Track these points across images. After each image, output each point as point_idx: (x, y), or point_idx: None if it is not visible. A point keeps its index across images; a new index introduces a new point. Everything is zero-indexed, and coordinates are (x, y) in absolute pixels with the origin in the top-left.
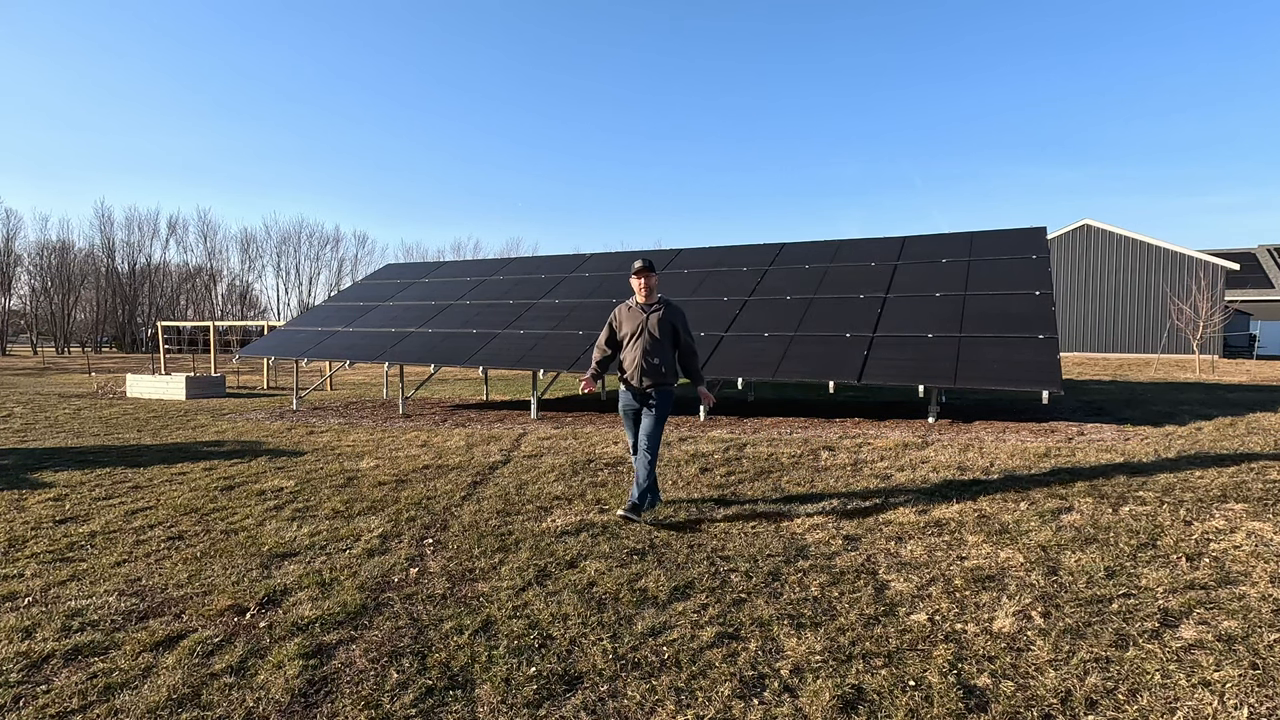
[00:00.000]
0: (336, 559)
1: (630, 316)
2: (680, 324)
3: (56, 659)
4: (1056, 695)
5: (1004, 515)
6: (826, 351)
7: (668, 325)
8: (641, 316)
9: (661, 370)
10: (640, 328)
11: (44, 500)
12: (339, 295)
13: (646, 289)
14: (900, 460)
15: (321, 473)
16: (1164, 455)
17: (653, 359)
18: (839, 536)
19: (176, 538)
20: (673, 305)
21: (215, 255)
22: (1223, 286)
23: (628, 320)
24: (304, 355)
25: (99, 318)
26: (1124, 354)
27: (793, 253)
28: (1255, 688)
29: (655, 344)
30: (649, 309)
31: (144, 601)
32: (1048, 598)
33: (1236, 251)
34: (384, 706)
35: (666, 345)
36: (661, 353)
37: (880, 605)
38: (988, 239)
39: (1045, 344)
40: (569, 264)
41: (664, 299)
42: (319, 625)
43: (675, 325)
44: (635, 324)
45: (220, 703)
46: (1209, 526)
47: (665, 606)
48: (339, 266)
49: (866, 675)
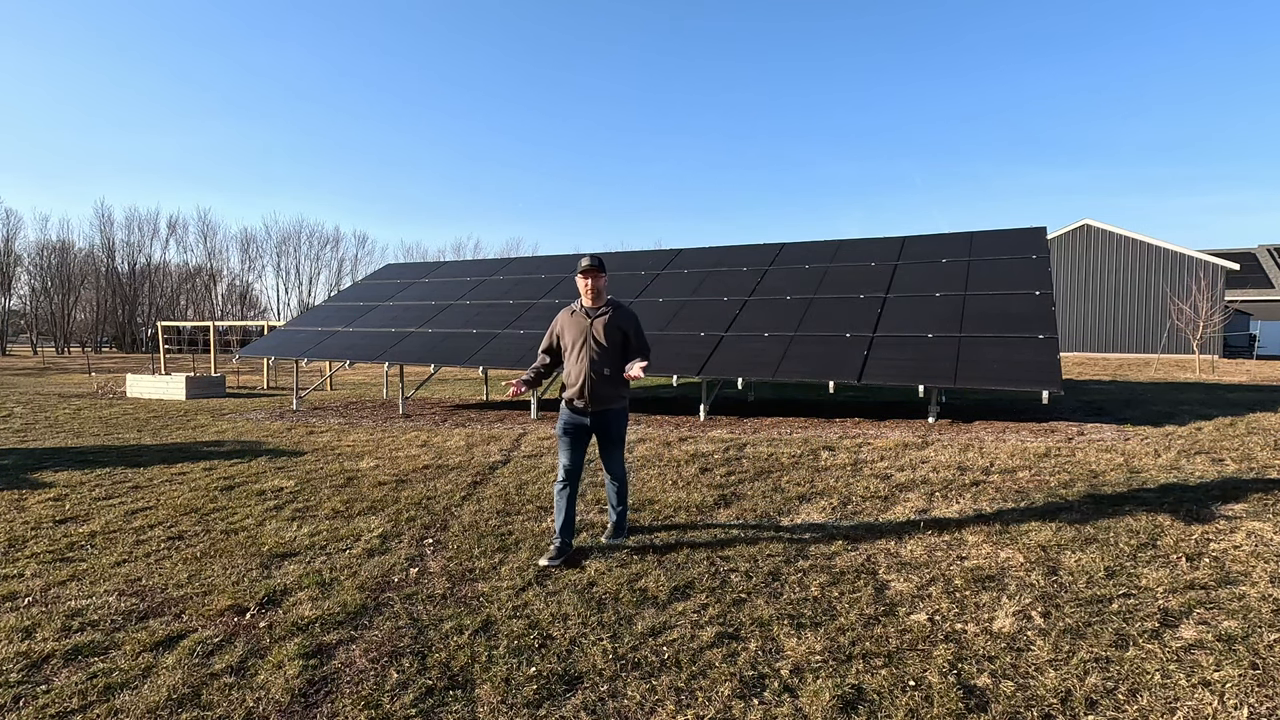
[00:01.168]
0: (336, 559)
1: (573, 323)
2: (632, 329)
3: (56, 659)
4: (1056, 695)
5: (1004, 515)
6: (826, 351)
7: (616, 332)
8: (585, 322)
9: (612, 385)
10: (584, 335)
11: (44, 500)
12: (339, 295)
13: (593, 291)
14: (900, 460)
15: (321, 473)
16: (1164, 455)
17: (601, 370)
18: (839, 536)
19: (176, 538)
20: (623, 308)
21: (215, 255)
22: (1223, 286)
23: (570, 327)
24: (304, 355)
25: (99, 318)
26: (1124, 354)
27: (793, 253)
28: (1255, 688)
29: (603, 353)
30: (594, 313)
31: (144, 601)
32: (1048, 598)
33: (1236, 251)
34: (384, 706)
35: (616, 355)
36: (611, 364)
37: (880, 605)
38: (988, 239)
39: (1045, 344)
40: (569, 264)
41: (613, 301)
42: (319, 625)
43: (626, 331)
44: (578, 331)
45: (220, 703)
46: (1209, 526)
47: (665, 606)
48: (339, 266)
49: (866, 675)
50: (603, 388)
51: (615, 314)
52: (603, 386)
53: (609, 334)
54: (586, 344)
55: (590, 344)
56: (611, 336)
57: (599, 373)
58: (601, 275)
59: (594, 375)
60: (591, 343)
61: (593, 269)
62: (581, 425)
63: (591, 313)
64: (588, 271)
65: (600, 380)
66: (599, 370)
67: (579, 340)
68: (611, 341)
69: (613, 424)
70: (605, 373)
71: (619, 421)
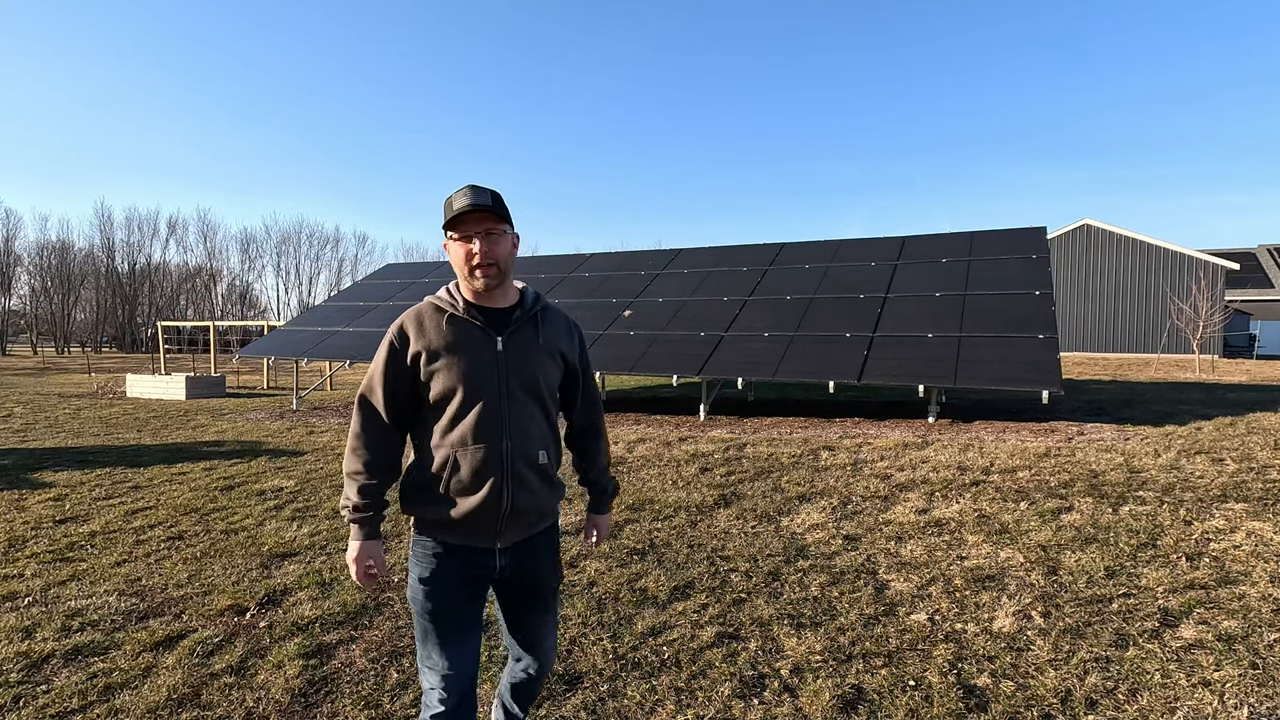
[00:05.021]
0: (336, 559)
1: (457, 338)
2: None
3: (56, 659)
4: (1056, 695)
5: (1004, 515)
6: (826, 351)
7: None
8: (485, 340)
9: (548, 484)
10: (491, 370)
11: (44, 500)
12: (339, 295)
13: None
14: (900, 460)
15: (321, 473)
16: (1164, 455)
17: (534, 451)
18: (839, 536)
19: (176, 538)
20: (556, 311)
21: (215, 255)
22: (1223, 286)
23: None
24: (304, 355)
25: (99, 318)
26: (1124, 354)
27: (793, 253)
28: (1255, 688)
29: (526, 409)
30: (511, 320)
31: (144, 601)
32: (1048, 598)
33: (1236, 251)
34: (384, 706)
35: (548, 409)
36: (541, 430)
37: (880, 605)
38: (988, 239)
39: (1045, 344)
40: (569, 264)
41: (538, 296)
42: (319, 625)
43: (568, 358)
44: (471, 359)
45: (220, 703)
46: (1209, 526)
47: (665, 606)
48: (339, 266)
49: (866, 675)
50: (534, 491)
51: (548, 323)
52: (535, 488)
53: (536, 363)
54: (496, 388)
55: (506, 388)
56: (541, 369)
57: (528, 458)
58: (507, 228)
59: (515, 465)
60: (507, 385)
61: (483, 209)
62: (478, 579)
63: (499, 320)
64: (472, 214)
65: (530, 474)
66: (528, 451)
67: (475, 378)
68: (545, 380)
69: (543, 560)
70: (539, 458)
71: (551, 552)
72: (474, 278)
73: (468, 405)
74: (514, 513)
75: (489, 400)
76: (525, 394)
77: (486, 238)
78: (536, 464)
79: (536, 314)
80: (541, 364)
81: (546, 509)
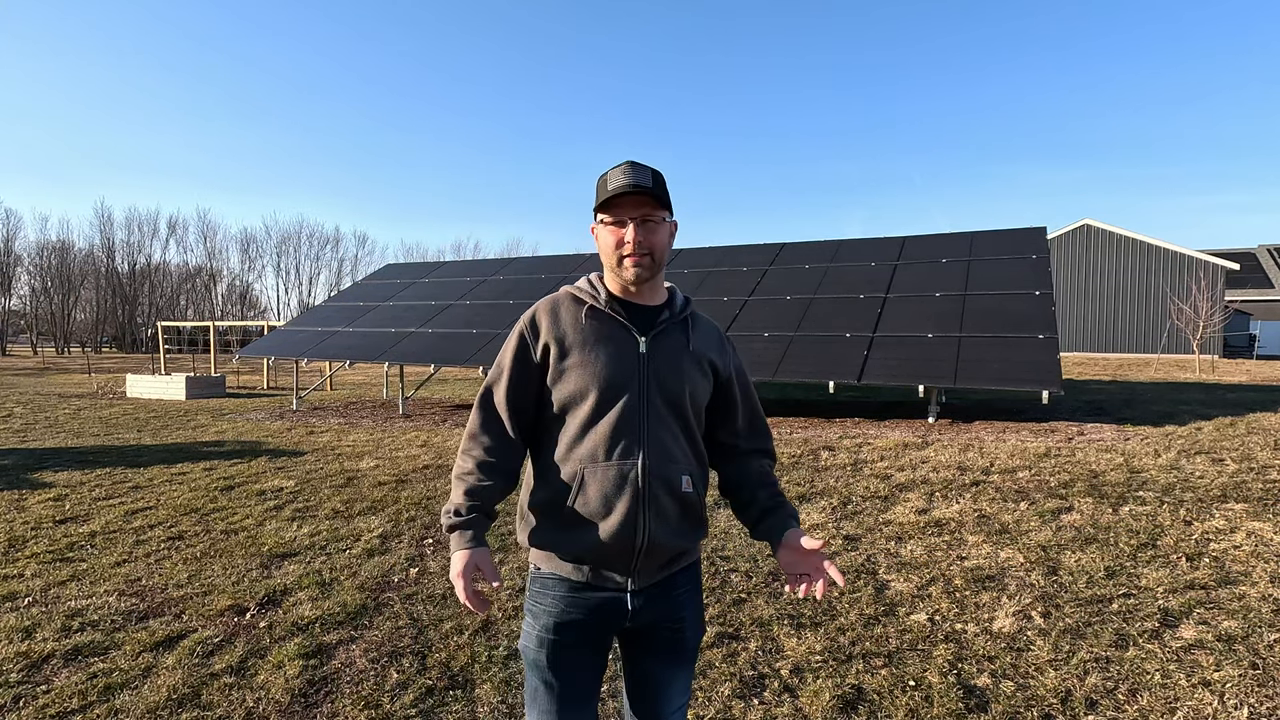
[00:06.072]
0: (336, 559)
1: (596, 333)
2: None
3: (56, 659)
4: (1056, 695)
5: (1004, 515)
6: (826, 351)
7: (701, 372)
8: (628, 340)
9: (691, 515)
10: (632, 373)
11: (44, 500)
12: (339, 295)
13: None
14: (900, 460)
15: (321, 473)
16: (1164, 455)
17: (676, 477)
18: (839, 536)
19: (176, 538)
20: (708, 320)
21: (215, 255)
22: (1223, 286)
23: (590, 345)
24: (304, 355)
25: (99, 318)
26: (1124, 354)
27: (793, 253)
28: (1255, 688)
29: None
30: (658, 321)
31: (144, 601)
32: (1048, 598)
33: (1236, 251)
34: (384, 706)
35: (691, 429)
36: (685, 451)
37: (880, 605)
38: (987, 239)
39: (1045, 344)
40: (569, 264)
41: (688, 300)
42: (319, 625)
43: (719, 371)
44: (610, 359)
45: (220, 703)
46: (1209, 526)
47: None
48: (339, 266)
49: (866, 675)
50: (673, 523)
51: (700, 331)
52: (673, 519)
53: (684, 372)
54: (635, 395)
55: (644, 395)
56: (689, 380)
57: (668, 482)
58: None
59: (654, 489)
60: (647, 393)
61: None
62: (605, 625)
63: (642, 318)
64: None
65: (670, 503)
66: (668, 475)
67: (612, 381)
68: (690, 394)
69: (686, 606)
70: (682, 484)
71: (693, 595)
72: (623, 268)
73: (600, 412)
74: (651, 548)
75: (626, 408)
76: (666, 406)
77: (643, 225)
78: (678, 490)
79: (687, 318)
80: (690, 374)
81: (688, 545)
